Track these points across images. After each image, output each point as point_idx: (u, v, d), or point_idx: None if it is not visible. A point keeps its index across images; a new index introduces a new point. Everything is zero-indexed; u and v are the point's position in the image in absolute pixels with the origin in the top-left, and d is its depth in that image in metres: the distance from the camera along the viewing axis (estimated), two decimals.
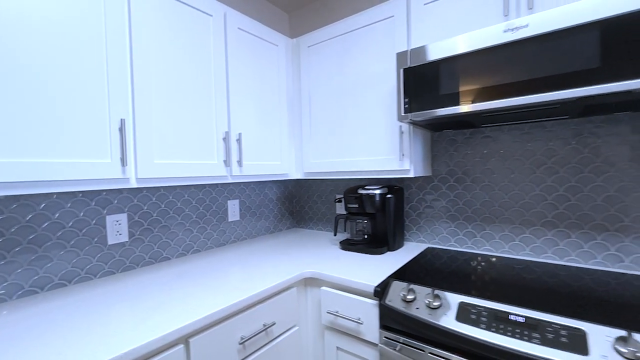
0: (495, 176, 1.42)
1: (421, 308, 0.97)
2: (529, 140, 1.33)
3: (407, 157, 1.33)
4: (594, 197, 1.21)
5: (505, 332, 0.82)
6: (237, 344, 0.98)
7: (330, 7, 1.96)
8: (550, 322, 0.80)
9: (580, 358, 0.72)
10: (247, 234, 1.85)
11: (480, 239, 1.47)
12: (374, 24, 1.41)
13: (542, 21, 0.90)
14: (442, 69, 1.08)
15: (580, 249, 1.25)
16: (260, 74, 1.53)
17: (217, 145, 1.31)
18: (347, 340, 1.16)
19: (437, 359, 0.92)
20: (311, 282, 1.29)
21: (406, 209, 1.69)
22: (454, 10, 1.20)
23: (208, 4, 1.28)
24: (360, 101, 1.47)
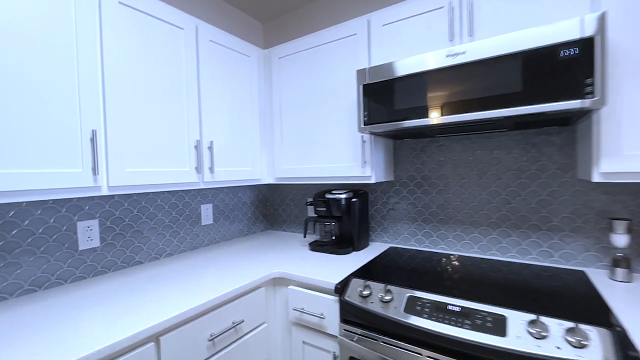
0: (449, 181, 1.57)
1: (375, 302, 1.08)
2: (476, 149, 1.49)
3: (369, 164, 1.44)
4: (529, 200, 1.38)
5: (443, 320, 0.95)
6: (207, 340, 1.05)
7: (303, 19, 2.06)
8: (479, 310, 0.93)
9: (499, 339, 0.85)
10: (220, 237, 1.91)
11: (436, 238, 1.62)
12: (339, 40, 1.52)
13: (476, 49, 1.04)
14: (396, 86, 1.20)
15: (519, 246, 1.41)
16: (232, 84, 1.59)
17: (189, 153, 1.37)
18: (311, 334, 1.26)
19: (388, 347, 1.03)
20: (279, 282, 1.38)
21: (371, 212, 1.81)
22: (408, 32, 1.32)
23: (180, 18, 1.33)
24: (326, 112, 1.57)
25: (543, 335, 0.81)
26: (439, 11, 1.25)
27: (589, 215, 1.27)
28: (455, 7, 1.21)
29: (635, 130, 0.94)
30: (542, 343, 0.81)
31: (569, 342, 0.78)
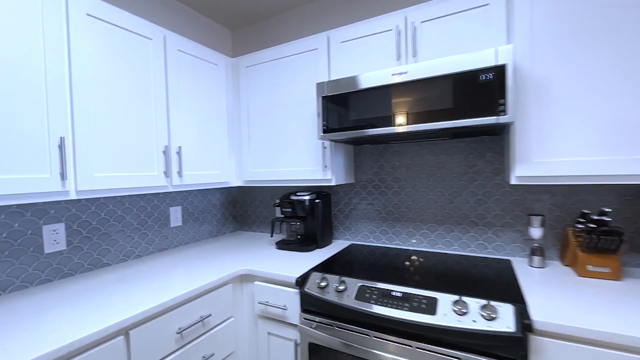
0: (402, 183, 1.74)
1: (331, 292, 1.21)
2: (425, 154, 1.67)
3: (329, 168, 1.58)
4: (468, 199, 1.58)
5: (387, 305, 1.10)
6: (175, 333, 1.13)
7: (271, 29, 2.16)
8: (417, 294, 1.09)
9: (430, 317, 1.01)
10: (190, 238, 1.97)
11: (392, 235, 1.78)
12: (302, 53, 1.64)
13: (416, 70, 1.20)
14: (350, 99, 1.34)
15: (460, 240, 1.60)
16: (200, 92, 1.67)
17: (157, 157, 1.43)
18: (275, 325, 1.37)
19: (341, 331, 1.16)
20: (246, 278, 1.47)
21: (334, 212, 1.95)
22: (363, 50, 1.47)
23: (147, 29, 1.40)
24: (291, 119, 1.69)
25: (464, 312, 0.98)
26: (388, 33, 1.41)
27: (515, 212, 1.48)
28: (401, 31, 1.37)
29: (541, 142, 1.15)
30: (462, 318, 0.97)
31: (482, 316, 0.96)
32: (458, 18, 1.27)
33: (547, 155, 1.14)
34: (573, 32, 1.09)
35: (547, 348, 0.89)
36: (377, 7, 1.78)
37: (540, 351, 0.89)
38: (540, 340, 0.89)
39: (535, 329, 0.90)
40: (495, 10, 1.20)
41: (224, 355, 1.34)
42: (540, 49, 1.14)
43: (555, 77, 1.12)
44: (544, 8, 1.12)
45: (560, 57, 1.11)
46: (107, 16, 1.24)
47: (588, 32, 1.07)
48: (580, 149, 1.10)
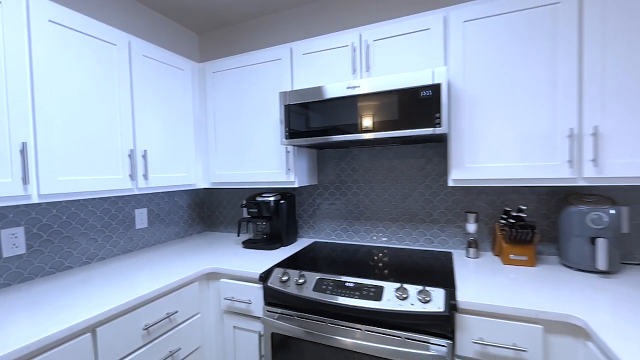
0: (360, 184, 1.89)
1: (292, 285, 1.33)
2: (380, 158, 1.83)
3: (292, 171, 1.69)
4: (417, 199, 1.76)
5: (341, 294, 1.23)
6: (142, 330, 1.19)
7: (238, 34, 2.22)
8: (366, 284, 1.24)
9: (377, 303, 1.16)
10: (156, 239, 1.99)
11: (351, 232, 1.93)
12: (267, 62, 1.74)
13: (368, 84, 1.34)
14: (310, 108, 1.46)
15: (410, 235, 1.79)
16: (167, 96, 1.71)
17: (123, 161, 1.46)
18: (241, 319, 1.46)
19: (301, 320, 1.28)
20: (212, 276, 1.55)
21: (299, 212, 2.07)
22: (322, 62, 1.60)
23: (112, 35, 1.42)
24: (256, 124, 1.77)
25: (404, 297, 1.14)
26: (345, 48, 1.54)
27: (456, 210, 1.68)
28: (356, 47, 1.51)
29: (471, 150, 1.34)
30: (403, 302, 1.13)
31: (419, 299, 1.12)
32: (405, 39, 1.44)
33: (477, 162, 1.33)
34: (496, 60, 1.29)
35: (469, 323, 1.06)
36: (337, 23, 1.91)
37: (464, 326, 1.07)
38: (464, 317, 1.07)
39: (460, 308, 1.08)
40: (435, 35, 1.38)
41: (190, 350, 1.41)
42: (471, 71, 1.33)
43: (482, 95, 1.32)
44: (474, 37, 1.32)
45: (486, 79, 1.31)
46: (70, 22, 1.26)
47: (507, 61, 1.27)
48: (502, 156, 1.30)
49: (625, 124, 1.13)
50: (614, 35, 1.13)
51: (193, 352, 1.43)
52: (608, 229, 1.23)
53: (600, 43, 1.14)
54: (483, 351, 1.04)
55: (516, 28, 1.25)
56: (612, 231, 1.23)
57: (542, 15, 1.21)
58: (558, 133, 1.21)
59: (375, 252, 1.66)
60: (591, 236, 1.25)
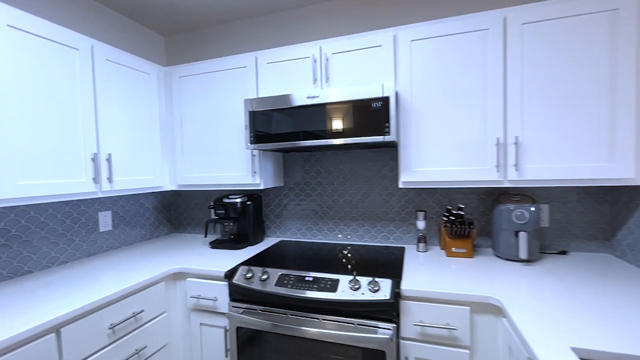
0: (324, 186, 2.02)
1: (255, 281, 1.42)
2: (342, 162, 1.97)
3: (258, 174, 1.77)
4: (375, 199, 1.91)
5: (300, 287, 1.34)
6: (107, 329, 1.23)
7: (204, 38, 2.26)
8: (324, 277, 1.36)
9: (332, 294, 1.28)
10: (121, 242, 1.99)
11: (316, 231, 2.05)
12: (233, 69, 1.81)
13: (326, 95, 1.46)
14: (273, 115, 1.56)
15: (369, 233, 1.94)
16: (132, 100, 1.72)
17: (86, 165, 1.47)
18: (207, 316, 1.53)
19: (264, 313, 1.38)
20: (179, 276, 1.60)
21: (266, 212, 2.15)
22: (286, 72, 1.70)
23: (73, 39, 1.43)
24: (223, 128, 1.84)
25: (356, 287, 1.27)
26: (307, 59, 1.65)
27: (408, 209, 1.86)
28: (317, 59, 1.63)
29: (417, 156, 1.50)
30: (355, 293, 1.26)
31: (369, 289, 1.26)
32: (361, 53, 1.57)
33: (422, 166, 1.50)
34: (438, 77, 1.46)
35: (411, 308, 1.21)
36: (300, 34, 2.02)
37: (407, 311, 1.22)
38: (407, 303, 1.22)
39: (403, 296, 1.23)
40: (386, 51, 1.52)
41: (157, 348, 1.45)
42: (417, 86, 1.49)
43: (427, 108, 1.48)
44: (420, 55, 1.48)
45: (430, 94, 1.47)
46: (29, 27, 1.26)
47: (447, 78, 1.44)
48: (444, 161, 1.47)
49: (539, 135, 1.33)
50: (530, 65, 1.33)
51: (160, 350, 1.48)
52: (529, 224, 1.44)
53: (520, 70, 1.34)
54: (423, 332, 1.20)
55: (455, 50, 1.43)
56: (532, 226, 1.44)
57: (474, 40, 1.40)
58: (488, 142, 1.40)
59: (336, 249, 1.79)
60: (515, 230, 1.45)
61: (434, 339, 1.19)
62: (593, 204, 1.58)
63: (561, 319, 0.94)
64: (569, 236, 1.61)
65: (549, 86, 1.32)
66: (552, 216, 1.63)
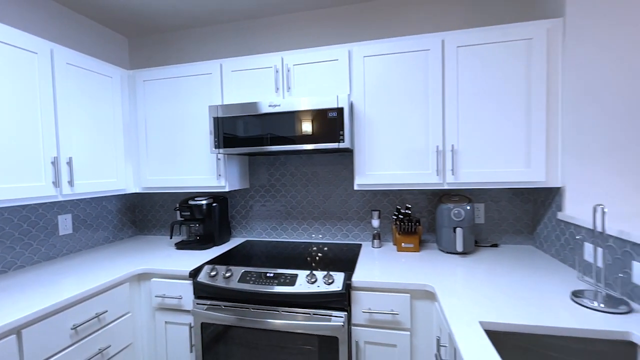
0: (288, 188, 2.13)
1: (219, 279, 1.50)
2: (304, 165, 2.09)
3: (223, 176, 1.85)
4: (335, 200, 2.06)
5: (262, 283, 1.45)
6: (70, 329, 1.26)
7: (168, 42, 2.29)
8: (284, 273, 1.47)
9: (291, 288, 1.40)
10: (82, 245, 1.97)
11: (280, 231, 2.16)
12: (198, 75, 1.87)
13: (286, 104, 1.58)
14: (237, 122, 1.65)
15: (330, 231, 2.08)
16: (94, 103, 1.73)
17: (46, 168, 1.47)
18: (172, 314, 1.58)
19: (227, 309, 1.47)
20: (144, 277, 1.64)
21: (232, 213, 2.23)
22: (249, 80, 1.79)
23: (32, 43, 1.43)
24: (188, 132, 1.89)
25: (313, 281, 1.40)
26: (269, 69, 1.76)
27: (366, 209, 2.02)
28: (279, 70, 1.74)
29: (370, 161, 1.66)
30: (311, 286, 1.39)
31: (324, 282, 1.39)
32: (320, 66, 1.70)
33: (374, 170, 1.66)
34: (388, 90, 1.62)
35: (360, 298, 1.36)
36: (263, 44, 2.12)
37: (357, 300, 1.37)
38: (357, 293, 1.37)
39: (353, 287, 1.37)
40: (342, 65, 1.66)
41: (121, 347, 1.49)
42: (369, 97, 1.65)
43: (378, 118, 1.64)
44: (372, 69, 1.63)
45: (381, 105, 1.63)
46: None
47: (396, 91, 1.61)
48: (393, 166, 1.64)
49: (471, 144, 1.54)
50: (464, 82, 1.53)
51: (124, 349, 1.51)
52: (465, 221, 1.65)
53: (456, 87, 1.54)
54: (371, 318, 1.35)
55: (401, 66, 1.60)
56: (467, 222, 1.65)
57: (418, 58, 1.58)
58: (430, 149, 1.59)
59: (299, 247, 1.91)
60: (454, 227, 1.66)
61: (380, 324, 1.35)
62: (520, 203, 1.83)
63: (478, 300, 1.12)
64: (501, 231, 1.85)
65: (479, 102, 1.53)
66: (487, 214, 1.87)
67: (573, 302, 1.08)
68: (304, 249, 1.87)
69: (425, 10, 1.90)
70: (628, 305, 1.02)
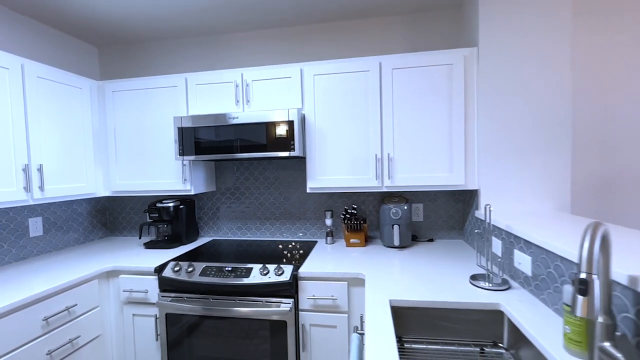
0: (252, 191, 2.32)
1: (182, 274, 1.68)
2: (266, 170, 2.29)
3: (189, 181, 2.01)
4: (294, 201, 2.27)
5: (221, 276, 1.63)
6: (41, 321, 1.39)
7: (137, 52, 2.42)
8: (240, 267, 1.66)
9: (246, 279, 1.59)
10: (52, 247, 2.08)
11: (245, 230, 2.34)
12: (165, 87, 2.02)
13: (244, 116, 1.77)
14: (200, 132, 1.82)
15: (288, 230, 2.28)
16: (65, 113, 1.85)
17: (17, 175, 1.59)
18: (139, 307, 1.74)
19: (190, 300, 1.64)
20: (112, 274, 1.78)
21: (200, 214, 2.39)
22: (213, 93, 1.97)
23: (4, 59, 1.55)
24: (155, 140, 2.04)
25: (265, 273, 1.60)
26: (230, 84, 1.94)
27: (321, 209, 2.24)
28: (239, 85, 1.93)
29: (320, 167, 1.88)
30: (264, 277, 1.59)
31: (275, 274, 1.59)
32: (275, 82, 1.90)
33: (324, 175, 1.88)
34: (336, 105, 1.85)
35: (306, 286, 1.58)
36: (226, 57, 2.30)
37: (303, 288, 1.58)
38: (303, 283, 1.58)
39: (300, 277, 1.58)
40: (295, 82, 1.87)
41: (90, 338, 1.63)
42: (319, 111, 1.86)
43: (327, 129, 1.86)
44: (321, 87, 1.85)
45: (329, 118, 1.86)
46: None
47: (342, 106, 1.84)
48: (340, 171, 1.86)
49: (404, 153, 1.79)
50: (398, 99, 1.78)
51: (93, 340, 1.65)
52: (402, 219, 1.90)
53: (391, 103, 1.78)
54: (315, 303, 1.57)
55: (346, 84, 1.83)
56: (404, 220, 1.90)
57: (359, 78, 1.81)
58: (370, 157, 1.82)
59: (261, 244, 2.10)
60: (393, 224, 1.90)
61: (323, 309, 1.57)
62: (453, 203, 2.10)
63: (395, 283, 1.36)
64: (437, 227, 2.12)
65: (411, 116, 1.78)
66: (425, 212, 2.13)
67: (470, 284, 1.34)
68: (266, 246, 2.07)
69: (370, 34, 2.14)
70: (508, 284, 1.29)
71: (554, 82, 1.64)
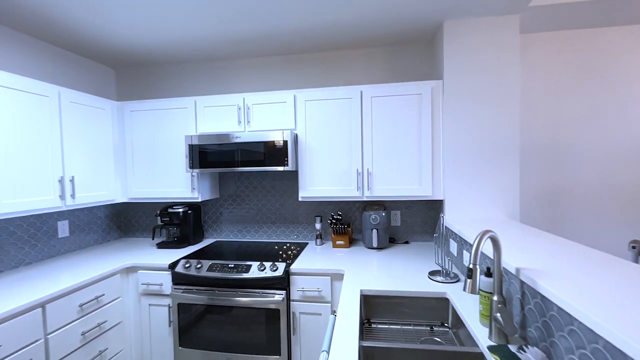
0: (251, 198, 2.63)
1: (192, 269, 1.98)
2: (264, 180, 2.60)
3: (196, 190, 2.32)
4: (288, 207, 2.58)
5: (224, 272, 1.94)
6: (78, 306, 1.70)
7: (150, 75, 2.73)
8: (241, 264, 1.97)
9: (246, 274, 1.90)
10: (76, 246, 2.38)
11: (245, 232, 2.65)
12: (177, 109, 2.34)
13: (245, 136, 2.08)
14: (207, 149, 2.13)
15: (283, 232, 2.59)
16: (91, 131, 2.16)
17: (54, 185, 1.90)
18: (154, 298, 2.04)
19: (198, 291, 1.94)
20: (131, 269, 2.09)
21: (205, 218, 2.70)
22: (217, 114, 2.28)
23: (44, 89, 1.85)
24: (168, 154, 2.35)
25: (262, 269, 1.91)
26: (234, 107, 2.26)
27: (312, 215, 2.55)
28: (241, 107, 2.24)
29: (310, 179, 2.19)
30: (261, 272, 1.90)
31: (270, 269, 1.90)
32: (272, 106, 2.22)
33: (313, 186, 2.19)
34: (324, 126, 2.16)
35: (297, 280, 1.88)
36: (231, 80, 2.62)
37: (294, 282, 1.89)
38: (294, 277, 1.89)
39: (291, 272, 1.89)
40: (289, 106, 2.19)
41: (114, 323, 1.93)
42: (310, 131, 2.18)
43: (317, 147, 2.18)
44: (311, 110, 2.17)
45: (319, 137, 2.17)
46: (7, 82, 1.68)
47: (329, 127, 2.16)
48: (327, 183, 2.18)
49: (382, 168, 2.10)
50: (376, 123, 2.10)
51: (116, 325, 1.96)
52: (380, 224, 2.21)
53: (370, 126, 2.10)
54: (303, 295, 1.88)
55: (333, 109, 2.14)
56: (382, 225, 2.22)
57: (344, 104, 2.13)
58: (352, 171, 2.14)
59: (258, 245, 2.41)
60: (372, 228, 2.22)
61: (310, 299, 1.87)
62: (426, 210, 2.42)
63: (368, 277, 1.67)
64: (412, 231, 2.44)
65: (387, 137, 2.10)
66: (402, 218, 2.45)
67: (428, 278, 1.66)
68: (263, 246, 2.38)
69: (356, 62, 2.47)
70: (458, 278, 1.60)
71: (505, 112, 1.97)
